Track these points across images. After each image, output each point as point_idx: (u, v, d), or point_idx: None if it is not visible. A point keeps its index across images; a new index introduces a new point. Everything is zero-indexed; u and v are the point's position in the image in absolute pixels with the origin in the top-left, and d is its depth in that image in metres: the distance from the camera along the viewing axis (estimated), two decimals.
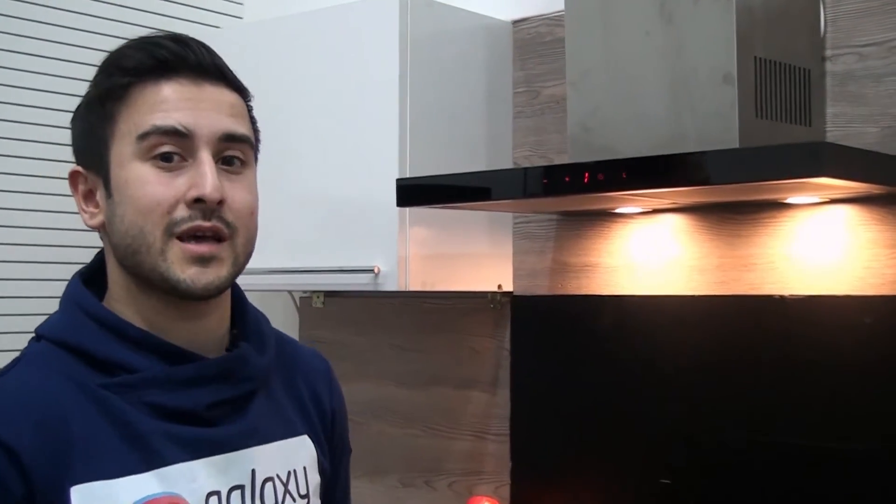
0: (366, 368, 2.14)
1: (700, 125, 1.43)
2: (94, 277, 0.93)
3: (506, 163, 1.93)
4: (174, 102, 0.86)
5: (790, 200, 1.58)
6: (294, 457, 0.94)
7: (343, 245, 1.84)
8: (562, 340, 1.86)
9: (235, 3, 2.33)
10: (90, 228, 0.92)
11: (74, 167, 0.91)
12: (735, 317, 1.66)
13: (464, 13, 1.89)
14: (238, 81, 0.92)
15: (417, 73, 1.79)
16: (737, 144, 1.39)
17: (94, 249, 0.96)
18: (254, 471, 0.89)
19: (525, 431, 1.91)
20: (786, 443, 1.59)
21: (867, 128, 1.55)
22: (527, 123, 1.93)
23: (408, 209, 1.76)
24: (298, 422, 0.97)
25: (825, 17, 1.58)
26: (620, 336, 1.78)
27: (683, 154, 1.37)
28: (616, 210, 1.77)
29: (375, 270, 1.78)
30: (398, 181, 1.66)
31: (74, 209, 0.93)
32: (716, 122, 1.41)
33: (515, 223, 1.94)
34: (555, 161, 1.86)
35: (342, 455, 1.05)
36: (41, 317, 0.93)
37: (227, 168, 0.89)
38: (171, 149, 0.86)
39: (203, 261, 0.86)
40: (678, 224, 1.74)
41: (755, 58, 1.43)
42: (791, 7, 1.53)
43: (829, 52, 1.58)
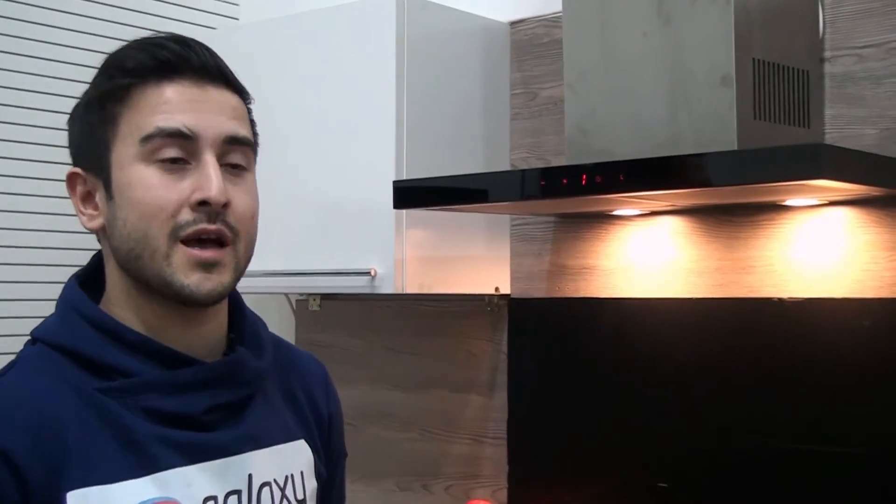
0: (362, 371, 2.14)
1: (698, 127, 1.43)
2: (91, 280, 0.92)
3: (503, 165, 1.93)
4: (177, 104, 0.85)
5: (789, 202, 1.58)
6: (291, 461, 0.94)
7: (339, 247, 1.84)
8: (559, 343, 1.86)
9: (231, 4, 2.32)
10: (88, 231, 0.91)
11: (73, 169, 0.90)
12: (733, 319, 1.66)
13: (460, 14, 1.89)
14: (239, 84, 0.91)
15: (414, 75, 1.79)
16: (735, 146, 1.39)
17: (91, 252, 0.95)
18: (251, 476, 0.89)
19: (522, 435, 1.91)
20: (785, 446, 1.59)
21: (866, 130, 1.55)
22: (524, 125, 1.92)
23: (404, 211, 1.76)
24: (295, 426, 0.97)
25: (824, 19, 1.58)
26: (618, 339, 1.78)
27: (681, 156, 1.37)
28: (614, 212, 1.76)
29: (372, 273, 1.78)
30: (395, 183, 1.66)
31: (71, 211, 0.93)
32: (714, 124, 1.41)
33: (513, 225, 1.93)
34: (552, 163, 1.85)
35: (339, 459, 1.04)
36: (37, 319, 0.92)
37: (230, 171, 0.88)
38: (175, 151, 0.85)
39: (207, 266, 0.86)
40: (676, 226, 1.73)
41: (753, 59, 1.43)
42: (790, 8, 1.52)
43: (828, 54, 1.58)
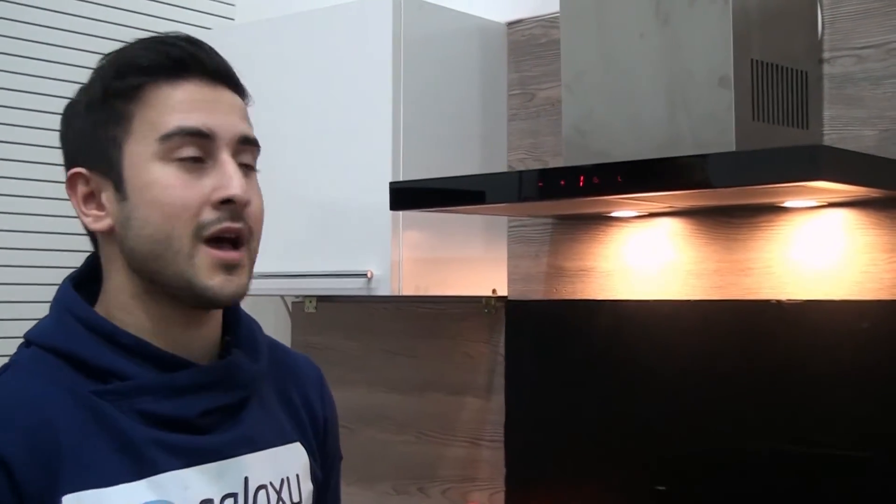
0: (359, 374, 2.14)
1: (696, 128, 1.43)
2: (85, 282, 0.92)
3: (500, 166, 1.93)
4: (192, 103, 0.86)
5: (787, 204, 1.58)
6: (287, 464, 0.94)
7: (336, 249, 1.83)
8: (557, 346, 1.85)
9: (227, 5, 2.32)
10: (91, 233, 0.90)
11: (75, 169, 0.88)
12: (732, 322, 1.66)
13: (457, 14, 1.89)
14: (242, 85, 0.92)
15: (411, 76, 1.79)
16: (733, 147, 1.39)
17: (86, 253, 0.94)
18: (247, 478, 0.89)
19: (520, 438, 1.90)
20: (783, 449, 1.59)
21: (865, 131, 1.54)
22: (521, 126, 1.92)
23: (401, 213, 1.75)
24: (291, 429, 0.96)
25: (823, 19, 1.58)
26: (616, 341, 1.78)
27: (679, 157, 1.37)
28: (612, 214, 1.76)
29: (368, 275, 1.77)
30: (391, 184, 1.66)
31: (65, 212, 0.92)
32: (712, 125, 1.41)
33: (510, 227, 1.93)
34: (550, 164, 1.85)
35: (334, 462, 1.04)
36: (30, 322, 0.92)
37: (242, 171, 0.88)
38: (193, 151, 0.85)
39: (228, 268, 0.86)
40: (674, 228, 1.73)
41: (752, 60, 1.42)
42: (788, 8, 1.52)
43: (827, 55, 1.58)
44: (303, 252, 1.86)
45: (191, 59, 0.86)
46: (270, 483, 0.91)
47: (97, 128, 0.87)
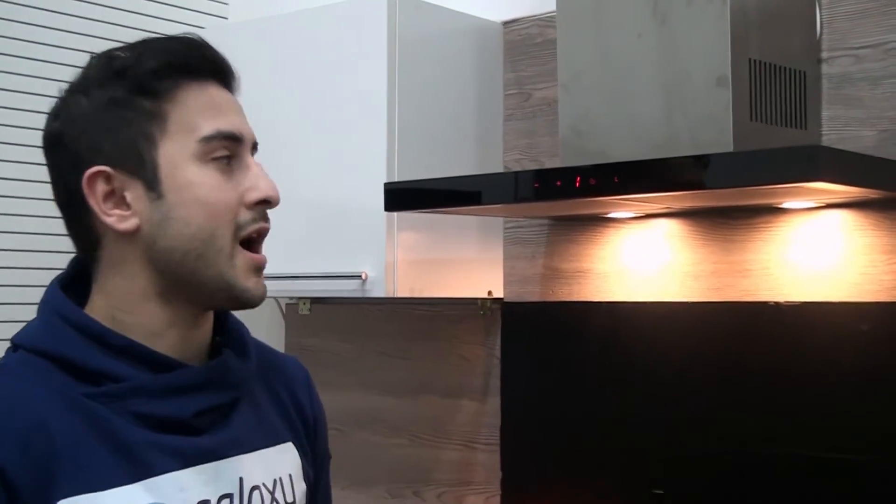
0: (353, 376, 2.14)
1: (693, 128, 1.43)
2: (72, 284, 0.91)
3: (496, 166, 1.93)
4: (221, 106, 0.88)
5: (785, 205, 1.58)
6: (280, 465, 0.94)
7: (330, 250, 1.83)
8: (553, 348, 1.85)
9: (220, 3, 2.32)
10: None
11: (98, 167, 0.86)
12: (729, 324, 1.66)
13: (453, 14, 1.89)
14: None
15: (406, 75, 1.78)
16: (731, 148, 1.39)
17: (71, 255, 0.93)
18: (241, 479, 0.88)
19: (516, 441, 1.90)
20: (781, 452, 1.59)
21: (864, 131, 1.54)
22: (518, 126, 1.92)
23: (396, 214, 1.75)
24: (282, 429, 0.97)
25: (821, 19, 1.57)
26: (613, 343, 1.78)
27: (677, 158, 1.37)
28: (608, 215, 1.76)
29: (363, 276, 1.77)
30: (386, 185, 1.65)
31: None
32: (709, 126, 1.41)
33: (506, 228, 1.93)
34: (546, 165, 1.85)
35: (323, 462, 1.04)
36: (15, 325, 0.90)
37: None
38: (225, 152, 0.87)
39: (259, 270, 0.88)
40: (671, 229, 1.73)
41: (750, 60, 1.42)
42: (786, 8, 1.52)
43: (825, 55, 1.57)
44: (297, 253, 1.85)
45: (220, 63, 0.89)
46: (264, 484, 0.91)
47: (125, 126, 0.85)
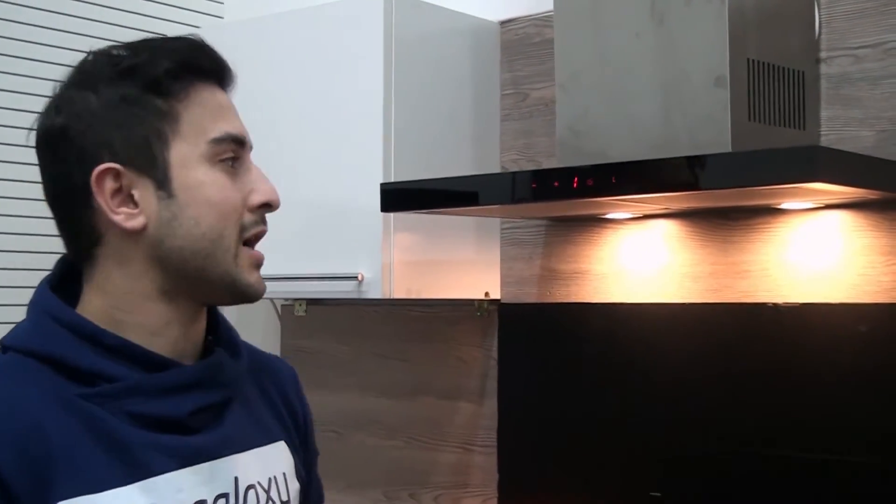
0: (349, 378, 2.14)
1: (692, 128, 1.42)
2: (60, 285, 0.90)
3: (493, 167, 1.92)
4: (227, 110, 0.89)
5: (784, 206, 1.57)
6: (273, 464, 0.94)
7: (326, 251, 1.82)
8: (550, 349, 1.85)
9: (216, 3, 2.31)
10: (125, 229, 0.86)
11: (107, 164, 0.85)
12: (728, 325, 1.65)
13: (450, 13, 1.89)
14: None
15: (402, 75, 1.78)
16: (729, 148, 1.38)
17: (58, 255, 0.92)
18: (236, 478, 0.88)
19: (513, 443, 1.90)
20: (779, 453, 1.58)
21: (862, 131, 1.54)
22: (515, 126, 1.91)
23: (392, 214, 1.74)
24: (275, 428, 0.97)
25: (820, 19, 1.57)
26: (610, 345, 1.77)
27: (675, 158, 1.36)
28: (606, 215, 1.75)
29: (359, 277, 1.76)
30: (382, 186, 1.65)
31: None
32: (708, 126, 1.40)
33: (503, 229, 1.92)
34: (543, 165, 1.85)
35: (313, 458, 1.05)
36: (4, 326, 0.90)
37: None
38: (231, 154, 0.88)
39: (259, 266, 0.91)
40: (669, 230, 1.72)
41: (748, 60, 1.42)
42: (785, 8, 1.52)
43: (824, 55, 1.57)
44: (292, 254, 1.85)
45: (221, 66, 0.90)
46: (259, 483, 0.91)
47: (137, 124, 0.86)
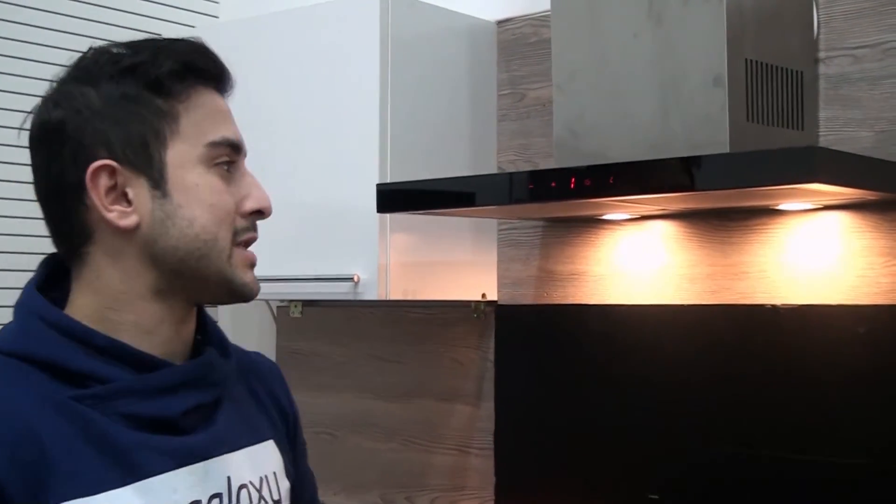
0: (345, 380, 2.13)
1: (690, 129, 1.42)
2: (46, 286, 0.89)
3: (490, 167, 1.92)
4: (226, 115, 0.90)
5: (782, 207, 1.57)
6: (264, 463, 0.94)
7: (321, 252, 1.82)
8: (547, 351, 1.85)
9: (211, 2, 2.31)
10: (118, 228, 0.86)
11: (104, 161, 0.85)
12: (726, 327, 1.65)
13: (446, 13, 1.88)
14: None
15: (398, 75, 1.78)
16: (727, 149, 1.38)
17: (42, 255, 0.91)
18: (229, 478, 0.89)
19: (510, 445, 1.89)
20: (777, 456, 1.58)
21: (861, 132, 1.54)
22: (512, 127, 1.91)
23: (388, 215, 1.74)
24: (264, 427, 0.98)
25: (818, 19, 1.57)
26: (608, 347, 1.77)
27: (672, 159, 1.36)
28: (604, 216, 1.75)
29: (355, 279, 1.76)
30: (378, 186, 1.64)
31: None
32: (706, 126, 1.40)
33: (500, 230, 1.92)
34: (541, 165, 1.85)
35: (304, 450, 1.06)
36: None
37: None
38: (227, 159, 0.89)
39: (253, 266, 0.92)
40: (667, 231, 1.72)
41: (746, 60, 1.42)
42: (783, 8, 1.52)
43: (823, 55, 1.57)
44: (288, 255, 1.85)
45: (222, 70, 0.90)
46: (251, 482, 0.91)
47: (136, 121, 0.85)
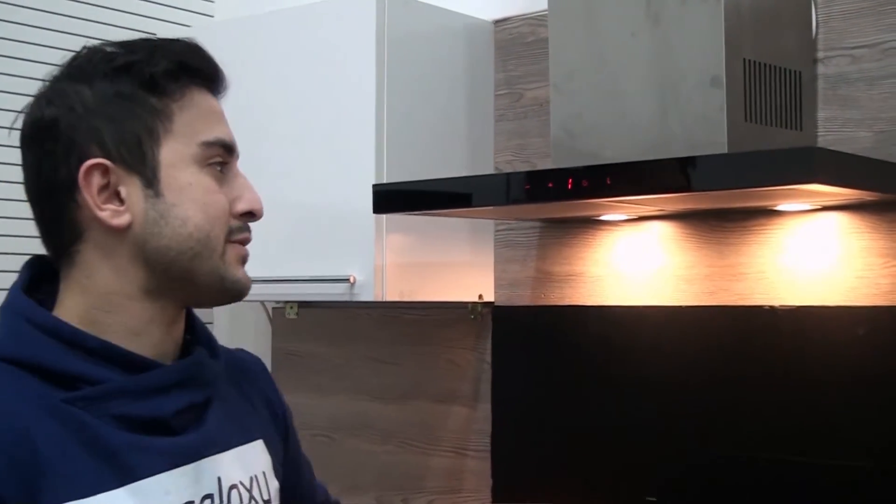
0: (341, 382, 2.13)
1: (687, 129, 1.42)
2: (31, 288, 0.88)
3: (487, 168, 1.91)
4: (219, 116, 0.90)
5: (780, 207, 1.57)
6: (253, 463, 0.94)
7: (317, 253, 1.81)
8: (545, 353, 1.84)
9: (207, 2, 2.30)
10: (110, 227, 0.85)
11: (96, 159, 0.84)
12: (724, 328, 1.65)
13: (443, 12, 1.88)
14: None
15: (395, 75, 1.77)
16: (725, 149, 1.38)
17: (26, 256, 0.90)
18: (219, 479, 0.88)
19: (507, 447, 1.89)
20: (775, 457, 1.58)
21: (860, 132, 1.54)
22: (509, 127, 1.91)
23: (385, 216, 1.74)
24: (253, 427, 0.97)
25: (817, 18, 1.57)
26: (605, 348, 1.77)
27: (670, 159, 1.35)
28: (601, 217, 1.75)
29: (351, 280, 1.76)
30: (375, 187, 1.64)
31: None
32: (703, 127, 1.40)
33: (497, 231, 1.92)
34: (538, 166, 1.85)
35: (298, 441, 1.07)
36: None
37: None
38: (220, 160, 0.89)
39: (244, 262, 0.91)
40: (665, 232, 1.72)
41: (744, 60, 1.41)
42: (781, 8, 1.52)
43: (821, 54, 1.57)
44: (284, 256, 1.84)
45: (217, 71, 0.90)
46: (241, 482, 0.91)
47: (130, 120, 0.85)
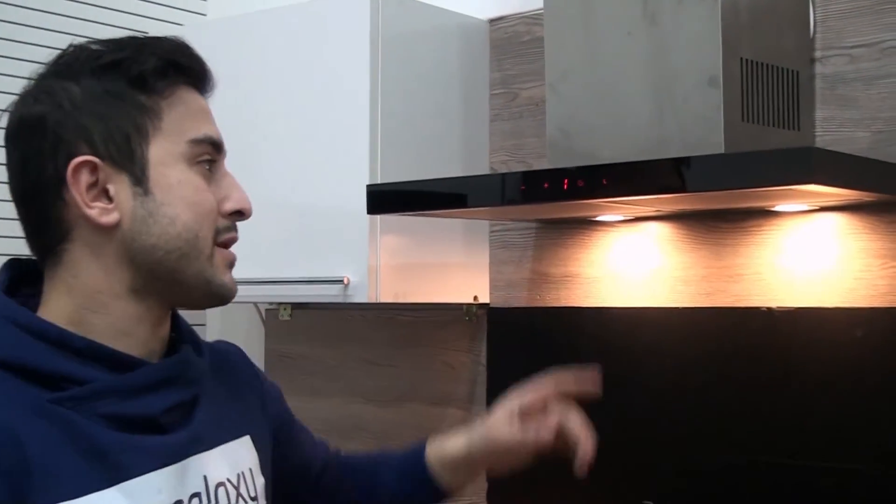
0: (335, 384, 2.13)
1: (684, 129, 1.41)
2: (12, 289, 0.88)
3: (482, 168, 1.91)
4: (207, 114, 0.90)
5: (778, 208, 1.57)
6: (240, 460, 0.95)
7: (311, 255, 1.81)
8: (540, 354, 1.84)
9: (199, 0, 2.28)
10: (98, 225, 0.84)
11: (85, 156, 0.84)
12: (720, 329, 1.65)
13: (438, 11, 1.88)
14: None
15: (389, 74, 1.77)
16: (722, 149, 1.37)
17: (4, 258, 0.89)
18: (205, 477, 0.89)
19: None
20: (773, 461, 1.58)
21: (858, 132, 1.54)
22: (504, 127, 1.90)
23: (379, 217, 1.73)
24: (240, 422, 0.98)
25: (814, 18, 1.57)
26: (601, 350, 1.76)
27: (667, 160, 1.35)
28: (597, 218, 1.75)
29: (345, 281, 1.75)
30: (369, 187, 1.63)
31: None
32: (700, 126, 1.39)
33: (492, 231, 1.92)
34: (533, 166, 1.84)
35: (291, 414, 1.08)
36: None
37: None
38: (210, 158, 0.89)
39: (232, 266, 0.91)
40: (661, 233, 1.72)
41: (741, 59, 1.41)
42: (779, 7, 1.52)
43: (819, 54, 1.56)
44: (277, 257, 1.84)
45: (205, 70, 0.90)
46: (228, 479, 0.91)
47: (119, 117, 0.85)
